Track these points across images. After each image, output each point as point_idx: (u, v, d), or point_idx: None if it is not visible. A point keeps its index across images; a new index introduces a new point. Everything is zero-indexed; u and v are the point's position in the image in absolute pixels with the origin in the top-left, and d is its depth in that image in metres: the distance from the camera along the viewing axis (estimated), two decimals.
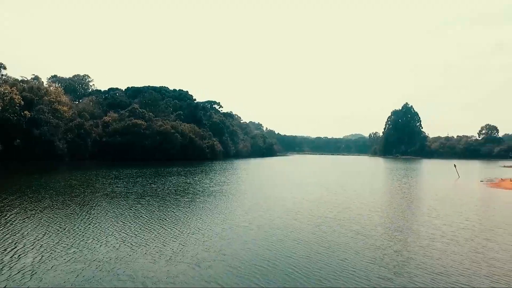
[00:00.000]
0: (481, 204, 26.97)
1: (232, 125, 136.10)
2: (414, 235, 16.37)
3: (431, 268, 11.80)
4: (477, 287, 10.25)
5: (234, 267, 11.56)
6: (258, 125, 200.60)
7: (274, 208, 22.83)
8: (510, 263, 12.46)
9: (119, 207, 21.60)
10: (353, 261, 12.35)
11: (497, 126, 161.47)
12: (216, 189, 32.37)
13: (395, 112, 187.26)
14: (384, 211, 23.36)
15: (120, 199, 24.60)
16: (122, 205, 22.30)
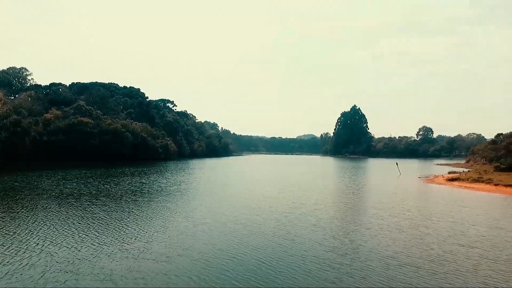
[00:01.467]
0: (419, 197, 29.95)
1: (186, 125, 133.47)
2: (364, 226, 17.90)
3: (382, 253, 13.14)
4: (421, 267, 11.64)
5: (201, 262, 11.85)
6: (213, 125, 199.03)
7: (235, 205, 23.32)
8: (444, 245, 14.27)
9: (72, 209, 20.56)
10: (314, 251, 13.29)
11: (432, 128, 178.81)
12: (174, 188, 31.99)
13: (344, 114, 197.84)
14: (336, 205, 25.13)
15: (72, 200, 23.33)
16: (75, 207, 21.22)
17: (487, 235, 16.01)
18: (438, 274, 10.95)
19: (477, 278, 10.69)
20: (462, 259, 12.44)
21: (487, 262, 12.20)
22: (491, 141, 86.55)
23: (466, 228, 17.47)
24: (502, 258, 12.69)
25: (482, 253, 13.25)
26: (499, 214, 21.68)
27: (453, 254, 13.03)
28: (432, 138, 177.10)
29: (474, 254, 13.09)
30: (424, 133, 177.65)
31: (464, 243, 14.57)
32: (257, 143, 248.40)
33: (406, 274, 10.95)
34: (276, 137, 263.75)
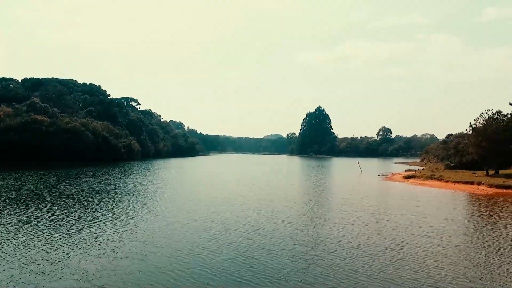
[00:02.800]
0: (379, 194, 31.91)
1: (151, 124, 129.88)
2: (331, 220, 18.98)
3: (347, 244, 14.13)
4: (382, 255, 12.70)
5: (177, 259, 12.04)
6: (179, 124, 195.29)
7: (206, 204, 23.53)
8: (402, 235, 15.57)
9: (33, 211, 19.74)
10: (285, 245, 13.98)
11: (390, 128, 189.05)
12: (141, 188, 31.49)
13: (309, 114, 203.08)
14: (304, 202, 26.23)
15: (32, 202, 22.32)
16: (37, 209, 20.39)
17: (439, 226, 17.60)
18: (397, 261, 12.05)
19: (430, 263, 11.88)
20: (417, 247, 13.69)
21: (439, 249, 13.53)
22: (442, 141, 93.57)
23: (421, 220, 19.04)
24: (452, 245, 14.14)
25: (435, 242, 14.65)
26: (448, 208, 23.80)
27: (410, 243, 14.27)
28: (390, 138, 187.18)
29: (428, 243, 14.45)
30: (384, 134, 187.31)
31: (419, 234, 15.97)
32: (224, 143, 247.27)
33: (369, 262, 11.92)
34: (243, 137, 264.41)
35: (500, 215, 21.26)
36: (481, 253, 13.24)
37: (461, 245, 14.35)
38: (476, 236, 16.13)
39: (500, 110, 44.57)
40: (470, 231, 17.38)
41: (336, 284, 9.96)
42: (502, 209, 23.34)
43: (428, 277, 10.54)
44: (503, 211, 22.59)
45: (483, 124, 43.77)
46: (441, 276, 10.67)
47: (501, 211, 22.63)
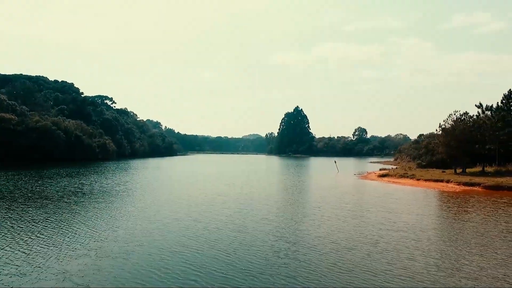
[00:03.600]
0: (355, 192, 32.96)
1: (127, 123, 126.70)
2: (309, 217, 19.51)
3: (326, 239, 14.63)
4: (358, 249, 13.27)
5: (160, 257, 12.06)
6: (156, 124, 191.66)
7: (187, 203, 23.48)
8: (377, 230, 16.28)
9: (6, 212, 19.03)
10: (267, 241, 14.31)
11: (366, 128, 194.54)
12: (119, 188, 31.01)
13: (288, 114, 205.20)
14: (283, 200, 26.82)
15: (3, 204, 21.56)
16: (10, 210, 19.71)
17: (411, 221, 18.52)
18: (373, 254, 12.65)
19: (404, 255, 12.56)
20: (392, 241, 14.40)
21: (412, 242, 14.30)
22: (414, 141, 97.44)
23: (395, 216, 19.94)
24: (423, 239, 14.98)
25: (407, 235, 15.44)
26: (420, 204, 25.03)
27: (384, 238, 14.97)
28: (366, 138, 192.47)
29: (401, 236, 15.22)
30: (359, 134, 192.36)
31: (393, 229, 16.75)
32: (202, 143, 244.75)
33: (347, 256, 12.44)
34: (222, 137, 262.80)
35: (467, 210, 22.62)
36: (450, 245, 14.10)
37: (432, 238, 15.22)
38: (446, 230, 17.14)
39: (467, 112, 47.22)
40: (440, 225, 18.43)
41: (317, 277, 10.34)
42: (468, 205, 24.82)
43: (402, 268, 11.15)
44: (469, 206, 24.03)
45: (451, 125, 46.11)
46: (414, 267, 11.32)
47: (467, 206, 24.07)
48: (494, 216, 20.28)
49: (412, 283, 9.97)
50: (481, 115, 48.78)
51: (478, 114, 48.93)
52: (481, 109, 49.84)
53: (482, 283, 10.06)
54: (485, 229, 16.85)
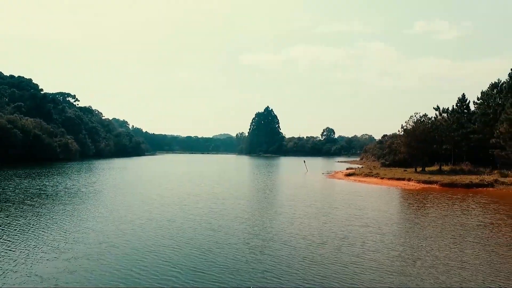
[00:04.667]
0: (323, 190, 34.14)
1: (91, 122, 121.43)
2: (282, 215, 20.11)
3: (298, 235, 15.23)
4: (328, 243, 13.97)
5: (136, 257, 12.03)
6: (123, 123, 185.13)
7: (159, 203, 23.27)
8: (345, 226, 17.16)
9: None
10: (242, 238, 14.66)
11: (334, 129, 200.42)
12: (87, 189, 30.05)
13: (258, 114, 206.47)
14: (255, 199, 27.30)
15: None
16: None
17: (376, 217, 19.61)
18: (342, 248, 13.42)
19: (370, 248, 13.43)
20: (359, 236, 15.27)
21: (377, 236, 15.24)
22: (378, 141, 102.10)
23: (361, 213, 20.99)
24: (388, 233, 16.04)
25: (372, 230, 16.44)
26: (384, 201, 26.52)
27: (352, 233, 15.83)
28: (334, 138, 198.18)
29: (367, 231, 16.16)
30: (328, 134, 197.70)
31: (360, 224, 17.70)
32: (171, 143, 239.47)
33: (319, 250, 13.09)
34: (191, 136, 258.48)
35: (426, 206, 24.29)
36: (411, 238, 15.20)
37: (395, 232, 16.32)
38: (407, 224, 18.37)
39: (426, 114, 50.29)
40: (402, 220, 19.68)
41: (291, 271, 10.82)
42: (427, 201, 26.62)
43: (369, 260, 11.95)
44: (428, 202, 25.80)
45: (412, 126, 48.90)
46: (380, 258, 12.15)
47: (427, 203, 25.83)
48: (449, 211, 21.95)
49: (378, 273, 10.72)
50: (439, 117, 52.29)
51: (436, 116, 52.42)
52: (438, 111, 53.48)
53: (438, 270, 11.01)
54: (442, 223, 18.24)
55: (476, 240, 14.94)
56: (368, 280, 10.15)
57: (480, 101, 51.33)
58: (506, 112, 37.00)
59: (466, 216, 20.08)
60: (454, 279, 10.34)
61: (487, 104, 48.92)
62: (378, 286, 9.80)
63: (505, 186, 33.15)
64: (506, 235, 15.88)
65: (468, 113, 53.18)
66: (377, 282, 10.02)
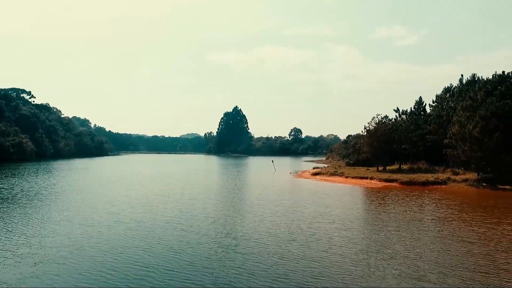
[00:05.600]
0: (291, 190, 35.03)
1: (49, 120, 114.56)
2: (251, 214, 20.46)
3: (269, 233, 15.67)
4: (296, 239, 14.52)
5: (105, 260, 11.84)
6: (84, 121, 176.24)
7: (127, 205, 22.73)
8: (312, 223, 17.87)
9: None
10: (213, 238, 14.87)
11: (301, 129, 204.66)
12: (46, 192, 28.57)
13: (226, 114, 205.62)
14: (225, 198, 27.52)
15: None
16: None
17: (341, 214, 20.55)
18: (310, 243, 14.07)
19: (336, 243, 14.19)
20: (325, 232, 16.05)
21: (343, 232, 16.08)
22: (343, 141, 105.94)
23: (327, 210, 21.88)
24: (353, 229, 16.97)
25: (338, 227, 17.28)
26: (348, 199, 27.80)
27: (318, 229, 16.59)
28: (301, 138, 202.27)
29: (332, 227, 17.00)
30: (295, 134, 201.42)
31: (326, 221, 18.52)
32: (137, 142, 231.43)
33: (288, 246, 13.61)
34: (158, 136, 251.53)
35: (387, 203, 25.78)
36: (375, 233, 16.21)
37: (359, 228, 17.29)
38: (370, 220, 19.48)
39: (387, 115, 53.06)
40: (365, 216, 20.79)
41: (263, 268, 11.22)
42: (388, 198, 28.23)
43: (336, 255, 12.67)
44: (389, 200, 27.38)
45: (374, 127, 51.35)
46: (346, 253, 12.91)
47: (388, 200, 27.41)
48: (407, 207, 23.48)
49: (344, 266, 11.43)
50: (398, 119, 55.40)
51: (396, 118, 55.47)
52: (398, 113, 56.64)
53: (397, 262, 11.94)
54: (401, 219, 19.52)
55: (431, 233, 16.19)
56: (335, 273, 10.78)
57: (435, 104, 55.13)
58: (457, 115, 39.96)
59: (422, 212, 21.60)
60: (411, 269, 11.23)
61: (441, 107, 52.63)
62: (345, 276, 10.43)
63: (456, 183, 35.91)
64: (457, 228, 17.34)
65: (424, 115, 56.80)
66: (343, 274, 10.68)
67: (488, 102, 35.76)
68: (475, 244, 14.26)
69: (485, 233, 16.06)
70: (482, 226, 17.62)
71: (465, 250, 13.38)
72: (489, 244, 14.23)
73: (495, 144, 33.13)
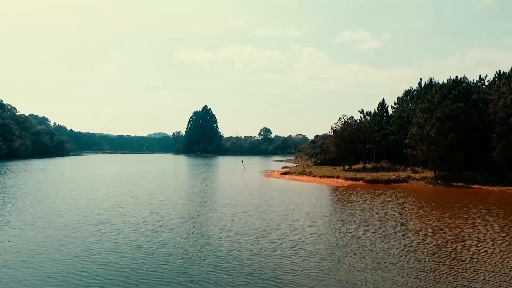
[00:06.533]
0: (261, 189, 35.56)
1: (2, 118, 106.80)
2: (222, 214, 20.69)
3: (240, 231, 15.96)
4: (267, 236, 14.94)
5: (73, 263, 11.61)
6: (42, 119, 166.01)
7: (95, 206, 22.13)
8: (282, 220, 18.40)
9: None
10: (185, 238, 14.85)
11: (270, 129, 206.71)
12: (4, 194, 26.89)
13: (196, 113, 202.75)
14: (195, 198, 27.44)
15: None
16: None
17: (309, 212, 21.33)
18: (281, 240, 14.57)
19: (305, 239, 14.81)
20: (295, 229, 16.66)
21: (311, 229, 16.79)
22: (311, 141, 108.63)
23: (296, 208, 22.57)
24: (320, 225, 17.74)
25: (307, 223, 18.00)
26: (316, 197, 28.77)
27: (289, 226, 17.20)
28: (270, 138, 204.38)
29: (302, 224, 17.68)
30: (264, 134, 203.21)
31: (295, 218, 19.17)
32: (101, 142, 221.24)
33: (259, 243, 13.99)
34: (124, 135, 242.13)
35: (352, 200, 27.03)
36: (341, 229, 17.06)
37: (326, 224, 18.12)
38: (337, 217, 20.41)
39: (353, 116, 55.24)
40: (332, 214, 21.72)
41: (236, 264, 11.52)
42: (353, 196, 29.57)
43: (305, 250, 13.27)
44: (354, 197, 28.69)
45: (340, 128, 53.28)
46: (315, 248, 13.54)
47: (353, 197, 28.72)
48: (371, 204, 24.78)
49: (313, 259, 12.03)
50: (363, 120, 57.89)
51: (360, 119, 57.92)
52: (362, 114, 59.13)
53: (360, 255, 12.76)
54: (365, 215, 20.64)
55: (392, 228, 17.29)
56: (306, 267, 11.33)
57: (396, 105, 58.24)
58: (416, 116, 42.59)
59: (384, 208, 22.91)
60: (375, 261, 12.06)
61: (402, 109, 55.69)
62: (314, 270, 10.98)
63: (416, 181, 38.30)
64: (415, 222, 18.64)
65: (387, 116, 59.77)
66: (313, 268, 11.24)
67: (443, 105, 38.51)
68: (431, 236, 15.47)
69: (439, 227, 17.42)
70: (437, 220, 19.08)
71: (422, 243, 14.49)
72: (443, 237, 15.49)
73: (449, 144, 35.74)
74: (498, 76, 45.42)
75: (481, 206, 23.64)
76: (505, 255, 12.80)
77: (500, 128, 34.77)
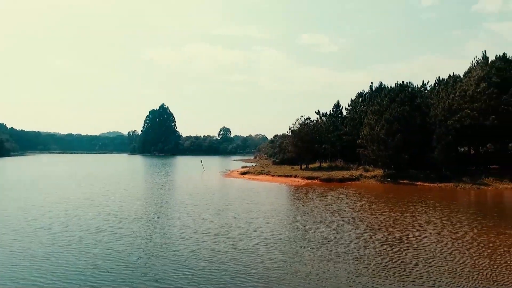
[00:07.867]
0: (220, 189, 35.90)
1: None
2: (183, 214, 20.77)
3: (201, 230, 16.23)
4: (229, 235, 15.33)
5: (37, 265, 11.25)
6: None
7: (48, 209, 21.14)
8: (243, 218, 18.96)
9: None
10: (148, 238, 14.88)
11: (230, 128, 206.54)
12: None
13: (152, 112, 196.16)
14: (154, 199, 27.18)
15: None
16: None
17: (267, 210, 22.16)
18: (241, 237, 15.06)
19: (262, 235, 15.47)
20: (251, 225, 17.31)
21: (270, 226, 17.58)
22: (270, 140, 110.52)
23: (255, 207, 23.32)
24: (278, 222, 18.59)
25: (268, 220, 18.78)
26: (275, 196, 29.85)
27: (248, 224, 17.85)
28: (230, 137, 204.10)
29: (261, 222, 18.40)
30: (224, 133, 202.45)
31: (255, 216, 19.92)
32: (47, 141, 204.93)
33: (221, 240, 14.39)
34: (73, 134, 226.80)
35: (309, 198, 28.36)
36: (298, 225, 18.04)
37: (284, 221, 19.04)
38: (295, 214, 21.45)
39: (309, 117, 57.38)
40: (290, 211, 22.75)
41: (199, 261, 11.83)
42: (310, 194, 30.98)
43: (265, 245, 13.94)
44: (310, 195, 30.10)
45: (298, 128, 55.11)
46: (274, 243, 14.25)
47: (309, 195, 30.12)
48: (326, 201, 26.24)
49: (274, 255, 12.70)
50: (319, 120, 60.42)
51: (317, 119, 60.39)
52: (319, 115, 61.72)
53: (318, 248, 13.71)
54: (320, 211, 21.88)
55: (345, 222, 18.58)
56: (266, 261, 11.98)
57: (350, 107, 61.56)
58: (367, 118, 45.52)
59: (338, 205, 24.40)
60: (330, 253, 13.05)
61: (355, 111, 59.01)
62: (274, 263, 11.64)
63: (367, 179, 40.96)
64: (365, 217, 20.18)
65: (341, 117, 62.98)
66: (273, 262, 11.90)
67: (391, 107, 41.64)
68: (378, 229, 16.94)
69: (386, 221, 19.06)
70: (384, 214, 20.82)
71: (370, 235, 15.83)
72: (390, 229, 17.02)
73: (396, 144, 38.77)
74: (438, 82, 50.14)
75: (422, 201, 26.10)
76: (441, 242, 14.48)
77: (439, 130, 38.48)
